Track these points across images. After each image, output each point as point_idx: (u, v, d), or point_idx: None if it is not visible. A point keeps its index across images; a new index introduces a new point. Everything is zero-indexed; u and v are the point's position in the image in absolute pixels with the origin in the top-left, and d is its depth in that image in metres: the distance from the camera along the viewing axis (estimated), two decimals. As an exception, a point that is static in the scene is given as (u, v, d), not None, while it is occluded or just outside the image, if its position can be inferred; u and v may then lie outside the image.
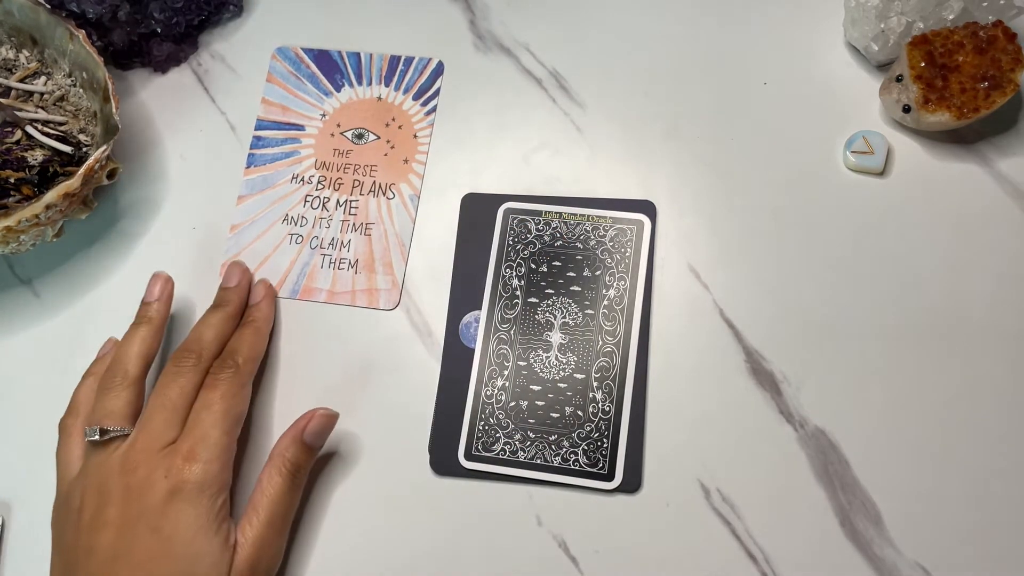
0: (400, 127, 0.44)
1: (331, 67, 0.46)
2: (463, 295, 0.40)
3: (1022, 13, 0.40)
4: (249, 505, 0.35)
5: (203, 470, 0.33)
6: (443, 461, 0.38)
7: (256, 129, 0.45)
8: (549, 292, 0.39)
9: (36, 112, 0.42)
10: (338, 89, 0.45)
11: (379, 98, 0.45)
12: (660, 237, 0.41)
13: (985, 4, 0.40)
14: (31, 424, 0.40)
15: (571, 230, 0.41)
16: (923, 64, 0.38)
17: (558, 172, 0.42)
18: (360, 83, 0.45)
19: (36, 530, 0.39)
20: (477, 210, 0.42)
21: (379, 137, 0.44)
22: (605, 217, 0.41)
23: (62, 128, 0.43)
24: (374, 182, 0.43)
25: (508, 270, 0.40)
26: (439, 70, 0.45)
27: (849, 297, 0.39)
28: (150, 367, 0.38)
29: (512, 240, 0.40)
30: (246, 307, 0.40)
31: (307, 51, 0.46)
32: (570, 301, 0.39)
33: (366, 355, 0.40)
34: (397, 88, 0.45)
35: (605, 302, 0.39)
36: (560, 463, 0.37)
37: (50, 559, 0.35)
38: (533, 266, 0.40)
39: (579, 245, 0.40)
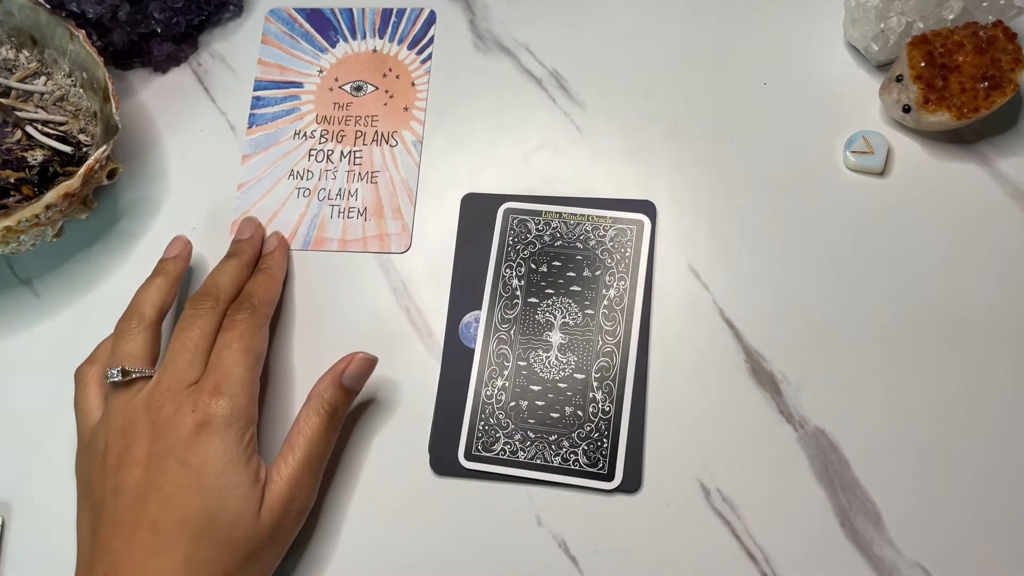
0: (397, 77, 0.45)
1: (324, 24, 0.47)
2: (463, 295, 0.40)
3: (1022, 13, 0.40)
4: (285, 444, 0.35)
5: (230, 404, 0.34)
6: (443, 461, 0.38)
7: (255, 90, 0.46)
8: (549, 292, 0.39)
9: (36, 112, 0.42)
10: (333, 45, 0.46)
11: (374, 50, 0.46)
12: (660, 237, 0.41)
13: (985, 4, 0.40)
14: (31, 424, 0.40)
15: (571, 230, 0.41)
16: (923, 64, 0.38)
17: (558, 172, 0.42)
18: (354, 37, 0.46)
19: (36, 530, 0.39)
20: (477, 210, 0.42)
21: (377, 88, 0.45)
22: (605, 217, 0.41)
23: (62, 128, 0.43)
24: (376, 131, 0.44)
25: (508, 270, 0.40)
26: (431, 19, 0.46)
27: (849, 297, 0.39)
28: (165, 316, 0.38)
29: (512, 240, 0.40)
30: (259, 258, 0.41)
31: (299, 10, 0.47)
32: (570, 301, 0.39)
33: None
34: (392, 39, 0.46)
35: (605, 302, 0.39)
36: (560, 463, 0.37)
37: (76, 508, 0.35)
38: (533, 266, 0.40)
39: (579, 245, 0.40)
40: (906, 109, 0.39)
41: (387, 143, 0.44)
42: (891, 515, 0.35)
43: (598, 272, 0.40)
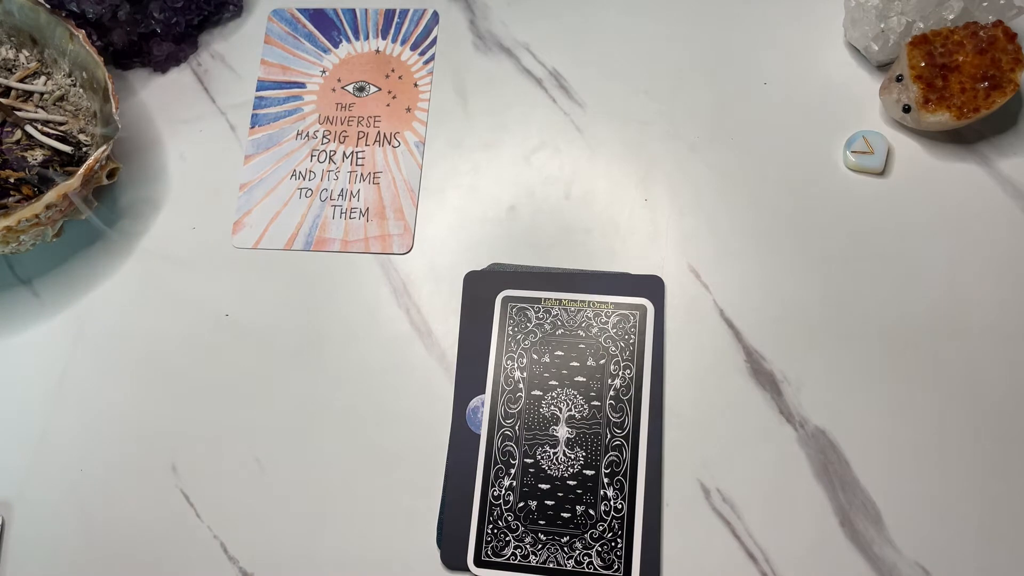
0: (400, 77, 0.45)
1: (327, 25, 0.47)
2: (469, 379, 0.39)
3: (1022, 13, 0.40)
4: None
5: None
6: (453, 557, 0.36)
7: (257, 90, 0.46)
8: (553, 384, 0.38)
9: (36, 112, 0.42)
10: (336, 45, 0.46)
11: (377, 51, 0.46)
12: (660, 237, 0.41)
13: (985, 4, 0.40)
14: (31, 424, 0.40)
15: (572, 317, 0.39)
16: (923, 64, 0.38)
17: (558, 172, 0.42)
18: (357, 38, 0.46)
19: (36, 530, 0.39)
20: (478, 290, 0.40)
21: (380, 88, 0.45)
22: (606, 303, 0.39)
23: (62, 128, 0.43)
24: (378, 132, 0.44)
25: (509, 362, 0.38)
26: (435, 19, 0.46)
27: (849, 297, 0.39)
28: None
29: (512, 330, 0.39)
30: None
31: (303, 11, 0.47)
32: (575, 392, 0.38)
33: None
34: (395, 40, 0.46)
35: (612, 392, 0.38)
36: (574, 566, 0.35)
37: None
38: (535, 356, 0.38)
39: (581, 333, 0.39)
40: (906, 109, 0.39)
41: (389, 144, 0.44)
42: (891, 515, 0.35)
43: (602, 361, 0.38)
